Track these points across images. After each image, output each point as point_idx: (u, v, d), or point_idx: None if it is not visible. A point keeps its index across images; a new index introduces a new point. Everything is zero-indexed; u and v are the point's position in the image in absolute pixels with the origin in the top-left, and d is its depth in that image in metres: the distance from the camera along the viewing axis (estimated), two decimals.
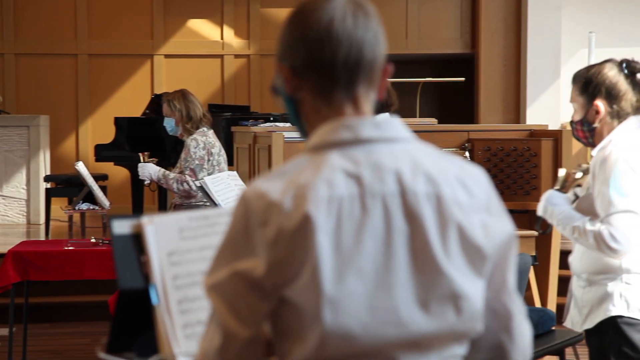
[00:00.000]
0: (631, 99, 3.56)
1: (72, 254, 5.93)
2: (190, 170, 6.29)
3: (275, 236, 1.70)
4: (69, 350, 7.06)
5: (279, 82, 1.90)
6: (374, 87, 1.85)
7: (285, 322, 1.74)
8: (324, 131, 1.80)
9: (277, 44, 1.89)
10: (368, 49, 1.81)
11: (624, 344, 3.51)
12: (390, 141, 1.79)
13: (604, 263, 3.53)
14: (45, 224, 10.22)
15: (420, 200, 1.75)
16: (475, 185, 1.82)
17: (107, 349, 2.26)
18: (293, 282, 1.70)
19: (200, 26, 13.02)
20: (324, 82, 1.82)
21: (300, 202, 1.70)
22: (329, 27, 1.80)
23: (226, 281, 1.75)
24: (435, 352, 1.77)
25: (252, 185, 1.76)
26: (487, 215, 1.81)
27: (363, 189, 1.73)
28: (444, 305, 1.75)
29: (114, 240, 2.21)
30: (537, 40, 11.92)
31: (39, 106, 12.45)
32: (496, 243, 1.81)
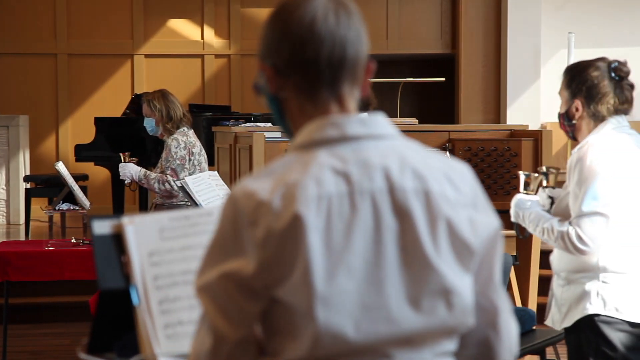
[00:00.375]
0: (609, 102, 3.57)
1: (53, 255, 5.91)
2: (171, 170, 6.28)
3: (265, 236, 1.69)
4: (49, 350, 7.03)
5: (261, 81, 1.90)
6: (358, 85, 1.85)
7: (276, 321, 1.74)
8: (310, 129, 1.80)
9: (259, 43, 1.88)
10: (351, 48, 1.81)
11: (601, 342, 3.53)
12: (376, 138, 1.79)
13: (581, 262, 3.55)
14: (25, 224, 10.18)
15: (409, 197, 1.75)
16: (461, 181, 1.82)
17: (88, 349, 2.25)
18: (284, 282, 1.70)
19: (180, 26, 13.00)
20: (308, 81, 1.82)
21: (289, 201, 1.70)
22: (312, 26, 1.80)
23: (215, 282, 1.74)
24: (428, 348, 1.78)
25: (240, 185, 1.75)
26: (474, 210, 1.81)
27: (352, 187, 1.73)
28: (435, 301, 1.76)
29: (95, 241, 2.21)
30: (517, 41, 11.96)
31: (19, 106, 12.40)
32: (483, 238, 1.82)
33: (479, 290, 1.86)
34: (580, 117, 3.61)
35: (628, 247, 3.54)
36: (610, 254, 3.52)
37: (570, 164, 3.57)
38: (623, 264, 3.53)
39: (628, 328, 3.54)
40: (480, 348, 1.92)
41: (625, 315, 3.53)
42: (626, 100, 3.60)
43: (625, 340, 3.53)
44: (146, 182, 6.35)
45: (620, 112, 3.60)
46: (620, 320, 3.52)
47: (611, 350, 3.52)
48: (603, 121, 3.59)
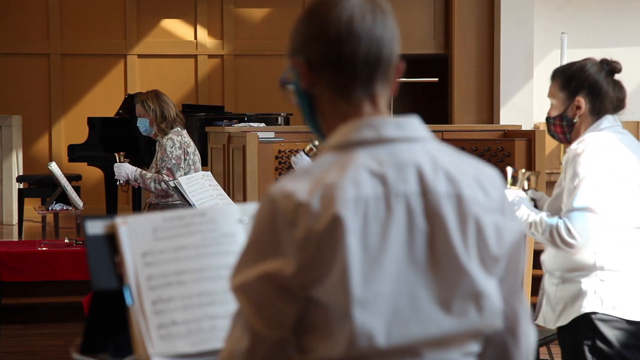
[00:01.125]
0: (612, 97, 3.60)
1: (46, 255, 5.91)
2: (167, 170, 6.28)
3: (305, 237, 1.70)
4: (42, 351, 7.02)
5: (291, 77, 1.91)
6: (389, 84, 1.87)
7: (310, 319, 1.75)
8: (346, 130, 1.81)
9: (291, 39, 1.90)
10: (386, 47, 1.84)
11: (598, 340, 3.54)
12: (411, 141, 1.81)
13: (577, 260, 3.56)
14: (18, 224, 10.16)
15: (441, 200, 1.77)
16: (491, 186, 1.84)
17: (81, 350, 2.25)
18: (321, 282, 1.71)
19: (173, 26, 12.99)
20: (344, 78, 1.83)
21: (328, 202, 1.71)
22: (350, 24, 1.81)
23: (253, 282, 1.75)
24: (456, 348, 1.80)
25: (278, 185, 1.75)
26: (501, 216, 1.83)
27: (388, 189, 1.75)
28: (466, 304, 1.78)
29: (88, 241, 2.21)
30: (510, 41, 11.97)
31: (11, 106, 12.38)
32: (507, 244, 1.84)
33: (502, 296, 1.87)
34: (581, 115, 3.62)
35: (624, 246, 3.55)
36: (607, 252, 3.53)
37: (566, 160, 3.59)
38: (619, 262, 3.54)
39: (625, 326, 3.55)
40: (498, 352, 1.94)
41: (622, 313, 3.54)
42: (623, 97, 3.63)
43: (622, 337, 3.54)
44: (142, 181, 6.35)
45: (619, 108, 3.63)
46: (617, 318, 3.54)
47: (608, 347, 3.53)
48: (603, 117, 3.60)
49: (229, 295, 2.23)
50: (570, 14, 12.33)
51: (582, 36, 12.03)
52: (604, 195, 3.47)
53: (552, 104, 3.70)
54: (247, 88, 12.98)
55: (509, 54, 11.98)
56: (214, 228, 2.28)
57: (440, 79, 11.60)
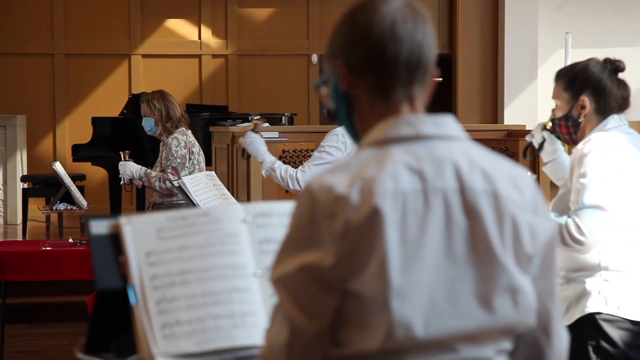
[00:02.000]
0: (616, 96, 3.60)
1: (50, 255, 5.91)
2: (172, 169, 6.29)
3: (344, 229, 1.73)
4: (46, 350, 7.03)
5: (330, 78, 1.94)
6: (427, 87, 1.92)
7: (347, 312, 1.78)
8: (384, 127, 1.85)
9: (331, 42, 1.93)
10: (427, 51, 1.89)
11: (602, 340, 3.54)
12: (447, 139, 1.85)
13: (581, 260, 3.56)
14: (23, 224, 10.17)
15: (479, 197, 1.81)
16: (524, 186, 1.88)
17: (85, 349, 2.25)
18: (359, 274, 1.74)
19: (177, 26, 12.99)
20: (384, 80, 1.87)
21: (367, 195, 1.74)
22: (392, 27, 1.86)
23: (293, 274, 1.78)
24: (490, 344, 1.83)
25: (317, 179, 1.79)
26: (534, 215, 1.86)
27: (426, 184, 1.78)
28: (502, 299, 1.81)
29: (92, 241, 2.21)
30: (514, 41, 11.97)
31: (16, 106, 12.39)
32: (541, 244, 1.87)
33: (536, 295, 1.89)
34: (586, 114, 3.62)
35: (629, 246, 3.55)
36: (612, 252, 3.53)
37: (572, 160, 3.58)
38: (624, 262, 3.54)
39: (629, 326, 3.55)
40: (531, 351, 1.96)
41: (627, 314, 3.54)
42: (627, 95, 3.63)
43: (626, 338, 3.55)
44: (147, 180, 6.36)
45: (624, 107, 3.63)
46: (621, 319, 3.54)
47: (612, 347, 3.54)
48: (609, 116, 3.60)
49: (232, 294, 2.24)
50: (574, 13, 12.32)
51: (587, 36, 12.02)
52: (612, 194, 3.48)
53: (557, 105, 3.70)
54: (251, 88, 12.99)
55: (513, 53, 11.97)
56: (218, 228, 2.28)
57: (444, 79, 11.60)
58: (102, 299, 2.26)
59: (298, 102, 12.82)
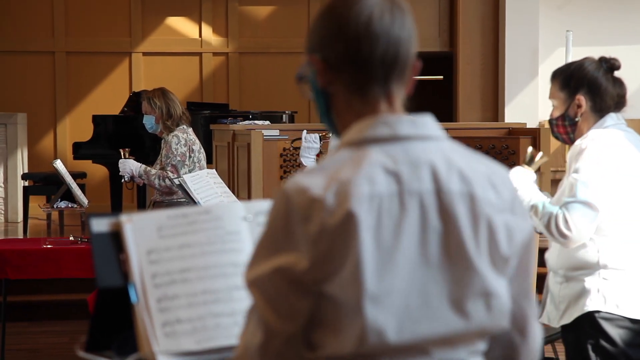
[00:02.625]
0: (612, 94, 3.61)
1: (51, 252, 5.90)
2: (171, 167, 6.29)
3: (318, 232, 1.72)
4: (47, 348, 7.03)
5: (309, 74, 1.91)
6: (406, 83, 1.90)
7: (321, 314, 1.76)
8: (361, 127, 1.82)
9: (309, 36, 1.90)
10: (404, 47, 1.85)
11: (601, 339, 3.54)
12: (425, 139, 1.83)
13: (581, 259, 3.56)
14: (24, 222, 10.17)
15: (455, 199, 1.78)
16: (502, 185, 1.85)
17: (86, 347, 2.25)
18: (333, 277, 1.72)
19: (178, 24, 12.99)
20: (360, 77, 1.84)
21: (343, 198, 1.72)
22: (368, 24, 1.82)
23: (267, 276, 1.76)
24: (464, 347, 1.81)
25: (293, 181, 1.77)
26: (511, 215, 1.84)
27: (402, 187, 1.76)
28: (476, 303, 1.79)
29: (93, 239, 2.21)
30: (515, 39, 11.95)
31: (17, 104, 12.39)
32: (517, 244, 1.85)
33: (512, 296, 1.88)
34: (583, 113, 3.62)
35: (628, 244, 3.55)
36: (611, 250, 3.53)
37: (570, 155, 3.60)
38: (623, 260, 3.54)
39: (628, 324, 3.55)
40: (506, 351, 1.95)
41: (626, 312, 3.54)
42: (624, 92, 3.64)
43: (626, 336, 3.55)
44: (146, 178, 6.37)
45: (620, 105, 3.63)
46: (620, 317, 3.54)
47: (611, 346, 3.54)
48: (606, 114, 3.61)
49: (233, 292, 2.24)
50: (575, 12, 12.31)
51: (588, 34, 12.01)
52: (605, 192, 3.48)
53: (554, 105, 3.71)
54: (252, 86, 12.98)
55: (513, 52, 11.96)
56: (219, 226, 2.28)
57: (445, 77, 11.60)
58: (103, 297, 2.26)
59: (299, 100, 12.81)
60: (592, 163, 3.49)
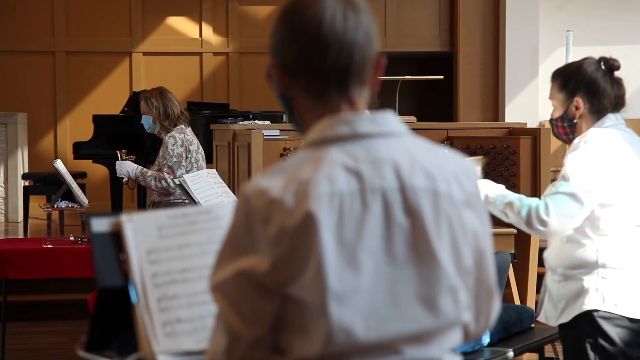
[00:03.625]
0: (610, 95, 3.61)
1: (51, 252, 5.91)
2: (168, 168, 6.29)
3: (278, 233, 1.70)
4: (47, 348, 7.03)
5: (271, 77, 1.88)
6: (366, 85, 1.85)
7: (287, 317, 1.75)
8: (321, 127, 1.80)
9: (269, 39, 1.87)
10: (358, 52, 1.81)
11: (600, 338, 3.55)
12: (386, 136, 1.80)
13: (579, 258, 3.57)
14: (24, 222, 10.17)
15: (420, 196, 1.77)
16: (467, 180, 1.84)
17: (87, 347, 2.25)
18: (297, 279, 1.71)
19: (178, 24, 12.99)
20: (316, 84, 1.82)
21: (301, 198, 1.70)
22: (318, 30, 1.78)
23: (229, 280, 1.75)
24: (436, 344, 1.80)
25: (252, 183, 1.75)
26: (469, 210, 1.83)
27: (363, 185, 1.74)
28: (446, 299, 1.78)
29: (93, 239, 2.21)
30: (515, 39, 11.95)
31: (17, 104, 12.39)
32: (475, 238, 1.84)
33: (470, 289, 1.87)
34: (581, 115, 3.63)
35: (626, 243, 3.55)
36: (609, 250, 3.54)
37: (567, 153, 3.61)
38: (621, 259, 3.55)
39: (627, 323, 3.55)
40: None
41: (624, 311, 3.54)
42: (623, 93, 3.64)
43: (624, 335, 3.55)
44: (143, 179, 6.37)
45: (619, 106, 3.64)
46: (619, 316, 3.54)
47: (610, 345, 3.54)
48: (605, 115, 3.61)
49: None
50: (575, 11, 12.31)
51: (588, 34, 12.01)
52: (598, 191, 3.48)
53: (554, 106, 3.72)
54: (252, 86, 12.98)
55: (514, 51, 11.96)
56: (219, 226, 2.28)
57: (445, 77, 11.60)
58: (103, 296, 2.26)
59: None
60: (583, 159, 3.50)
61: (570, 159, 3.53)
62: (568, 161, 3.53)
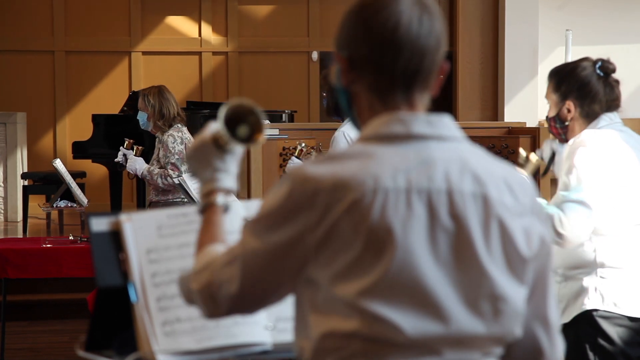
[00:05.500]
0: (601, 100, 3.62)
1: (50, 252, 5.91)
2: (172, 165, 6.30)
3: (318, 221, 1.71)
4: (47, 348, 7.03)
5: (335, 70, 1.89)
6: (429, 89, 1.88)
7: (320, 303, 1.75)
8: (377, 123, 1.81)
9: (338, 31, 1.88)
10: (428, 58, 1.83)
11: (599, 337, 3.55)
12: (441, 139, 1.81)
13: (579, 257, 3.57)
14: (23, 221, 10.17)
15: (466, 200, 1.76)
16: (521, 190, 1.83)
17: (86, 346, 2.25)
18: (334, 268, 1.71)
19: (178, 23, 12.99)
20: (382, 83, 1.83)
21: (346, 190, 1.71)
22: (394, 32, 1.80)
23: (259, 249, 1.77)
24: (476, 350, 1.79)
25: (300, 168, 1.77)
26: (530, 220, 1.82)
27: (410, 185, 1.74)
28: (484, 306, 1.77)
29: (93, 238, 2.21)
30: (515, 38, 11.95)
31: (16, 103, 12.38)
32: (537, 249, 1.83)
33: (533, 305, 1.87)
34: (572, 118, 3.64)
35: (625, 242, 3.55)
36: (607, 249, 3.54)
37: (564, 156, 3.61)
38: (620, 258, 3.55)
39: (627, 322, 3.56)
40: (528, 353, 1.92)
41: (624, 310, 3.55)
42: (616, 97, 3.64)
43: (624, 334, 3.55)
44: (150, 177, 6.39)
45: (612, 109, 3.64)
46: (618, 315, 3.55)
47: (610, 344, 3.54)
48: (596, 119, 3.62)
49: None
50: (574, 11, 12.31)
51: (587, 33, 12.01)
52: (599, 192, 3.49)
53: (549, 104, 3.73)
54: (252, 85, 12.98)
55: (513, 51, 11.96)
56: None
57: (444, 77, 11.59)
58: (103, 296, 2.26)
59: (298, 100, 12.82)
60: (584, 162, 3.50)
61: (575, 164, 3.52)
62: (576, 165, 3.51)
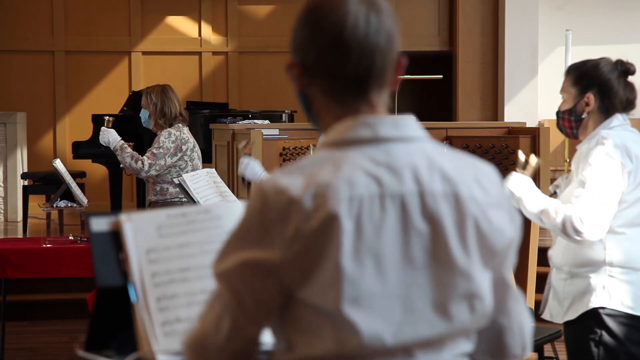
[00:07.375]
0: (622, 98, 3.64)
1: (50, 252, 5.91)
2: (151, 153, 6.32)
3: (294, 234, 1.68)
4: (47, 347, 7.03)
5: (291, 74, 1.88)
6: (386, 87, 1.84)
7: (299, 319, 1.73)
8: (342, 128, 1.79)
9: (291, 37, 1.87)
10: (379, 57, 1.80)
11: (605, 335, 3.57)
12: (406, 140, 1.79)
13: (587, 256, 3.59)
14: (23, 221, 10.17)
15: (439, 200, 1.75)
16: (489, 183, 1.83)
17: (86, 346, 2.25)
18: (310, 281, 1.69)
19: (177, 23, 12.99)
20: (336, 87, 1.81)
21: (321, 201, 1.68)
22: (340, 35, 1.77)
23: (235, 269, 1.74)
24: (448, 349, 1.79)
25: (271, 179, 1.73)
26: (499, 211, 1.82)
27: (382, 189, 1.72)
28: (459, 305, 1.76)
29: (92, 238, 2.21)
30: (515, 38, 11.96)
31: (16, 103, 12.39)
32: (506, 240, 1.83)
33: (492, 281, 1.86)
34: (590, 111, 3.66)
35: (634, 241, 3.57)
36: (617, 248, 3.56)
37: (579, 154, 3.63)
38: (630, 258, 3.57)
39: (632, 322, 3.58)
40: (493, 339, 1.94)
41: (631, 309, 3.57)
42: (634, 97, 3.68)
43: (629, 333, 3.57)
44: (120, 153, 6.43)
45: (628, 109, 3.68)
46: (625, 314, 3.57)
47: (614, 342, 3.57)
48: (610, 117, 3.64)
49: None
50: (574, 10, 12.32)
51: (587, 33, 12.02)
52: (615, 191, 3.51)
53: (564, 99, 3.74)
54: (251, 85, 12.98)
55: (513, 50, 11.97)
56: (218, 225, 2.28)
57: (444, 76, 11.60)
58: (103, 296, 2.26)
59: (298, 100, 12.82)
60: (601, 162, 3.52)
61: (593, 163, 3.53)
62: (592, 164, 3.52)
